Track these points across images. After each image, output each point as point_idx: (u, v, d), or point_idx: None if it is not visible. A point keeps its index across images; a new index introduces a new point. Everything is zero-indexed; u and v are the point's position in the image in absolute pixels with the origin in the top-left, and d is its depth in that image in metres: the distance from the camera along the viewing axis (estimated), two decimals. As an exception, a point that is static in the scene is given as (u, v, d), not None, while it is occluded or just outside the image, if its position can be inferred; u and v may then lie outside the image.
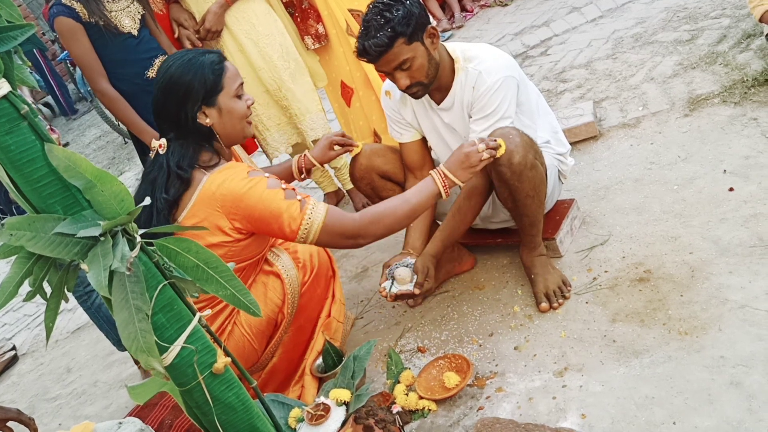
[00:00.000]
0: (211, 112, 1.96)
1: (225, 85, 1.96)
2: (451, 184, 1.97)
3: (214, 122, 1.97)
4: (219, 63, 1.96)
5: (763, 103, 2.61)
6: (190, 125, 1.95)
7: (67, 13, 2.60)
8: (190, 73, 1.92)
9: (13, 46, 0.99)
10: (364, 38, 2.05)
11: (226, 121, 1.98)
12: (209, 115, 1.96)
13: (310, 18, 3.06)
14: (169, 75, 1.93)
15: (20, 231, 0.98)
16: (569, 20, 4.61)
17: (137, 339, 1.01)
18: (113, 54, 2.71)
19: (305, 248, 2.15)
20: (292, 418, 1.85)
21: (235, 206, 1.87)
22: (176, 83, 1.92)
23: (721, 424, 1.52)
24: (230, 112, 1.98)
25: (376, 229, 1.94)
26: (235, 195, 1.86)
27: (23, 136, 0.98)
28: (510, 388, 1.90)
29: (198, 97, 1.93)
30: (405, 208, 1.95)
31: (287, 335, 2.15)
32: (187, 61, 1.94)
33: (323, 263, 2.18)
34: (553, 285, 2.14)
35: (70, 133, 9.84)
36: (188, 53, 1.98)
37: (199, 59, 1.94)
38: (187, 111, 1.93)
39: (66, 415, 3.03)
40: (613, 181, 2.60)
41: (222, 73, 1.96)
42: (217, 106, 1.96)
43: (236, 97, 1.99)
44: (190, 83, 1.92)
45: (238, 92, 1.99)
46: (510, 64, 2.15)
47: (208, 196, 1.88)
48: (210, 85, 1.93)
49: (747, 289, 1.84)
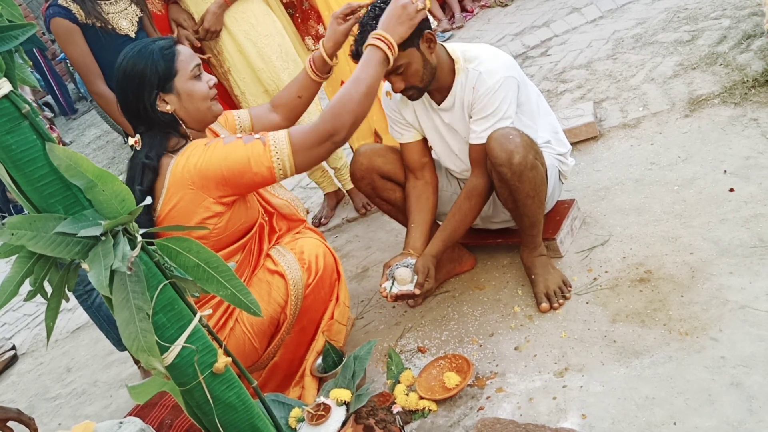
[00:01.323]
0: (170, 98, 1.93)
1: (179, 68, 1.92)
2: (391, 45, 1.91)
3: (175, 107, 1.94)
4: (169, 48, 1.92)
5: (763, 103, 2.61)
6: (151, 115, 1.93)
7: (63, 15, 2.59)
8: (141, 63, 1.89)
9: (14, 45, 0.99)
10: (358, 42, 2.05)
11: (188, 105, 1.95)
12: (169, 101, 1.93)
13: (310, 19, 3.06)
14: (123, 68, 1.91)
15: (21, 230, 0.98)
16: (569, 21, 4.61)
17: (138, 338, 1.01)
18: (110, 56, 2.70)
19: (311, 249, 2.13)
20: (292, 418, 1.85)
21: (204, 177, 1.85)
22: (130, 75, 1.90)
23: (722, 425, 1.52)
24: (190, 95, 1.94)
25: (345, 119, 1.86)
26: (199, 168, 1.85)
27: (24, 136, 0.98)
28: (510, 389, 1.90)
29: (152, 84, 1.90)
30: (360, 87, 1.87)
31: (289, 336, 2.14)
32: (137, 52, 1.91)
33: (329, 266, 2.16)
34: (553, 285, 2.14)
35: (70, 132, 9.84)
36: (139, 43, 1.95)
37: (149, 47, 1.91)
38: (145, 101, 1.91)
39: (66, 414, 3.03)
40: (613, 182, 2.60)
41: (173, 57, 1.92)
42: (175, 92, 1.92)
43: (194, 78, 1.94)
44: (142, 72, 1.88)
45: (194, 73, 1.95)
46: (510, 64, 2.15)
47: (178, 179, 1.87)
48: (162, 71, 1.90)
49: (747, 290, 1.84)
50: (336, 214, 3.51)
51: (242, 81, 3.02)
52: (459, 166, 2.35)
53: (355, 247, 3.12)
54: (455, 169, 2.38)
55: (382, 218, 3.18)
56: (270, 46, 2.97)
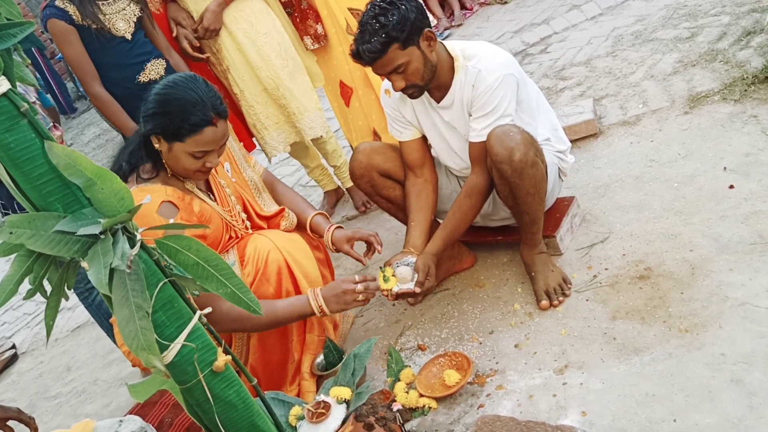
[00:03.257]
0: (163, 145, 1.95)
1: (187, 142, 1.91)
2: (323, 311, 2.00)
3: (162, 151, 1.97)
4: (200, 125, 1.89)
5: (763, 100, 2.61)
6: (143, 134, 1.96)
7: (60, 16, 2.59)
8: (173, 105, 1.89)
9: (13, 43, 0.99)
10: (358, 42, 2.04)
11: (170, 160, 1.98)
12: (161, 145, 1.95)
13: (309, 18, 3.06)
14: (168, 90, 1.92)
15: (20, 229, 0.98)
16: (569, 18, 4.60)
17: (138, 337, 1.01)
18: (105, 58, 2.70)
19: (255, 245, 2.08)
20: (292, 416, 1.85)
21: None
22: (160, 99, 1.91)
23: (722, 421, 1.52)
24: (177, 160, 1.96)
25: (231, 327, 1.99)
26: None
27: (23, 134, 0.98)
28: (510, 386, 1.90)
29: (159, 126, 1.91)
30: (268, 318, 1.98)
31: (254, 338, 2.14)
32: (184, 95, 1.89)
33: (272, 262, 2.07)
34: (553, 283, 2.14)
35: (70, 131, 9.84)
36: (203, 94, 1.91)
37: (191, 108, 1.88)
38: (147, 126, 1.93)
39: (66, 413, 3.03)
40: (613, 179, 2.60)
41: (194, 132, 1.90)
42: (169, 145, 1.94)
43: (191, 155, 1.94)
44: (165, 112, 1.89)
45: (196, 155, 1.94)
46: (509, 62, 2.15)
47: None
48: (173, 129, 1.90)
49: (747, 287, 1.84)
50: (336, 212, 3.51)
51: (241, 79, 3.02)
52: (458, 164, 2.35)
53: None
54: (455, 167, 2.38)
55: (381, 216, 3.18)
56: (269, 44, 2.97)
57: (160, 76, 2.78)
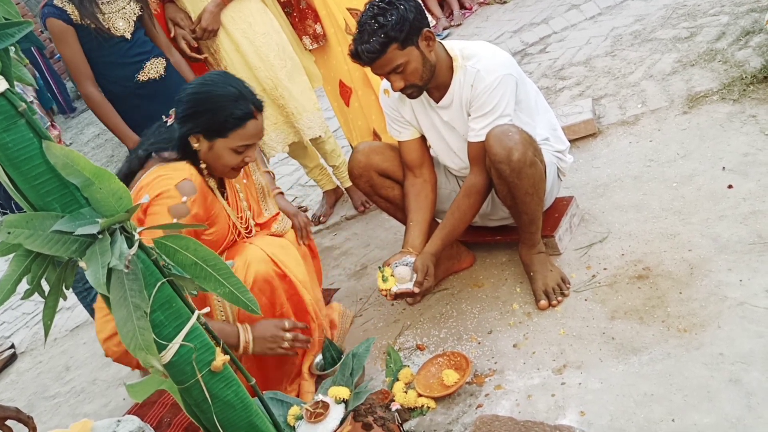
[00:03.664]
0: (203, 143, 1.96)
1: (230, 137, 1.94)
2: (247, 346, 1.98)
3: (201, 151, 1.98)
4: (243, 118, 1.93)
5: (761, 100, 2.61)
6: (181, 136, 1.96)
7: (58, 15, 2.58)
8: (213, 102, 1.91)
9: (11, 43, 0.99)
10: (357, 42, 2.04)
11: (210, 158, 1.99)
12: (200, 144, 1.96)
13: (308, 18, 3.05)
14: (206, 87, 1.94)
15: (18, 228, 0.98)
16: (568, 17, 4.60)
17: (136, 337, 1.01)
18: (104, 57, 2.70)
19: (245, 258, 2.05)
20: (291, 416, 1.85)
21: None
22: (198, 98, 1.93)
23: (720, 421, 1.52)
24: (218, 157, 1.98)
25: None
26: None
27: (21, 134, 0.98)
28: (509, 386, 1.90)
29: (200, 125, 1.93)
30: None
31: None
32: (222, 92, 1.92)
33: (261, 274, 2.04)
34: (552, 282, 2.14)
35: (69, 131, 9.83)
36: (241, 88, 1.95)
37: (233, 103, 1.91)
38: (186, 126, 1.94)
39: (65, 413, 3.02)
40: (612, 179, 2.60)
41: (238, 126, 1.93)
42: (210, 143, 1.96)
43: (233, 150, 1.96)
44: (206, 110, 1.91)
45: (238, 149, 1.97)
46: (508, 61, 2.15)
47: (136, 190, 1.92)
48: (217, 126, 1.92)
49: (746, 287, 1.84)
50: (335, 212, 3.51)
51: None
52: (457, 163, 2.35)
53: (353, 245, 3.12)
54: (454, 166, 2.38)
55: (380, 216, 3.18)
56: (267, 44, 2.96)
57: (159, 75, 2.77)
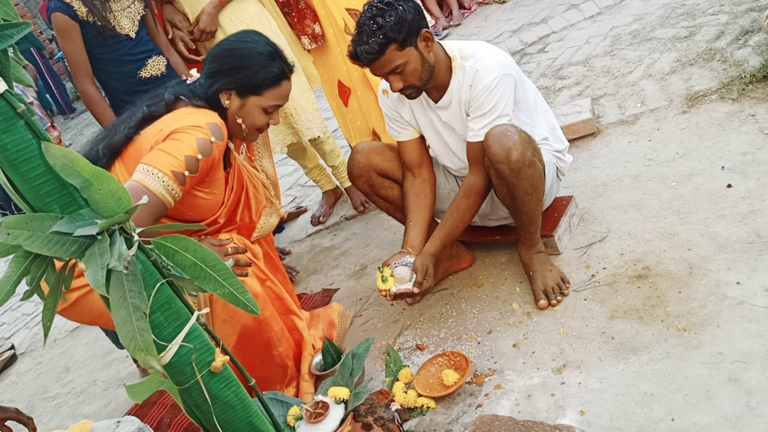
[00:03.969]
0: (235, 101, 1.97)
1: (265, 95, 1.97)
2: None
3: (231, 108, 1.99)
4: (280, 77, 1.97)
5: (761, 99, 2.61)
6: (210, 92, 1.97)
7: (64, 10, 2.60)
8: (252, 59, 1.94)
9: (10, 44, 0.99)
10: (356, 43, 2.04)
11: (241, 116, 2.00)
12: (231, 102, 1.97)
13: (306, 18, 3.05)
14: (245, 44, 1.96)
15: (17, 230, 0.98)
16: (567, 17, 4.60)
17: (135, 338, 1.01)
18: (108, 53, 2.71)
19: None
20: (290, 417, 1.85)
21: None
22: (235, 54, 1.95)
23: (720, 421, 1.52)
24: (248, 115, 1.99)
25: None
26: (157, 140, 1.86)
27: (20, 135, 0.98)
28: (509, 386, 1.90)
29: (236, 81, 1.95)
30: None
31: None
32: (261, 50, 1.96)
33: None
34: (551, 282, 2.14)
35: (68, 131, 9.83)
36: (277, 48, 2.00)
37: (270, 61, 1.95)
38: (219, 83, 1.95)
39: (65, 414, 3.02)
40: (611, 178, 2.60)
41: (273, 85, 1.97)
42: (242, 101, 1.97)
43: (263, 110, 1.99)
44: (244, 66, 1.94)
45: (269, 109, 2.00)
46: (507, 61, 2.15)
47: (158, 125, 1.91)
48: (254, 83, 1.94)
49: (745, 286, 1.84)
50: (334, 212, 3.51)
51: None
52: (457, 164, 2.35)
53: (353, 245, 3.12)
54: (453, 167, 2.38)
55: (380, 216, 3.18)
56: (265, 45, 2.96)
57: (161, 72, 2.80)
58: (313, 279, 3.03)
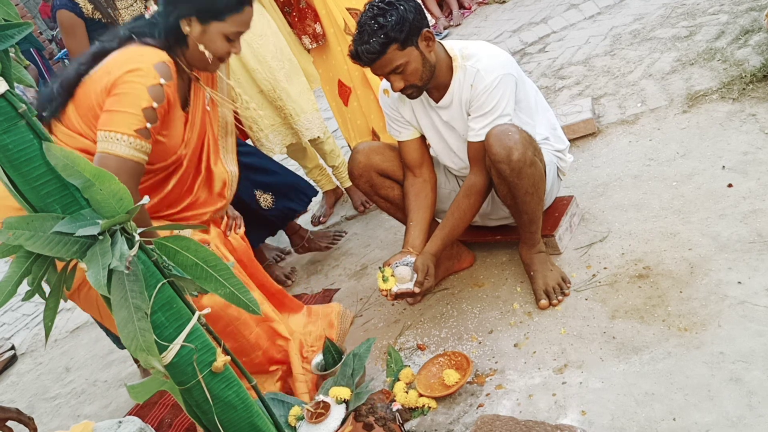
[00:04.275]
0: (195, 27, 1.89)
1: (227, 20, 1.89)
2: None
3: (192, 35, 1.90)
4: (242, 2, 1.90)
5: (761, 98, 2.61)
6: (170, 22, 1.89)
7: (70, 8, 2.62)
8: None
9: (11, 44, 0.99)
10: (357, 43, 2.04)
11: (202, 41, 1.91)
12: (192, 29, 1.89)
13: (307, 17, 3.06)
14: None
15: (19, 230, 0.98)
16: (567, 17, 4.60)
17: (137, 338, 1.01)
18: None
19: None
20: (292, 416, 1.85)
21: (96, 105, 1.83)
22: None
23: (721, 420, 1.52)
24: (210, 42, 1.91)
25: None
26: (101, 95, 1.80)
27: (21, 135, 0.98)
28: (510, 385, 1.90)
29: (197, 5, 1.87)
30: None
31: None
32: None
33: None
34: (552, 282, 2.14)
35: (68, 132, 9.82)
36: None
37: None
38: (178, 10, 1.88)
39: (65, 414, 3.02)
40: (611, 178, 2.60)
41: (235, 10, 1.89)
42: (204, 27, 1.89)
43: (225, 37, 1.92)
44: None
45: (231, 36, 1.92)
46: (508, 61, 2.15)
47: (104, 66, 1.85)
48: (216, 8, 1.87)
49: (746, 285, 1.84)
50: (335, 212, 3.51)
51: (237, 82, 3.01)
52: (457, 163, 2.35)
53: (353, 245, 3.12)
54: (453, 166, 2.38)
55: (380, 216, 3.18)
56: (265, 46, 2.96)
57: None
58: (313, 279, 3.03)
